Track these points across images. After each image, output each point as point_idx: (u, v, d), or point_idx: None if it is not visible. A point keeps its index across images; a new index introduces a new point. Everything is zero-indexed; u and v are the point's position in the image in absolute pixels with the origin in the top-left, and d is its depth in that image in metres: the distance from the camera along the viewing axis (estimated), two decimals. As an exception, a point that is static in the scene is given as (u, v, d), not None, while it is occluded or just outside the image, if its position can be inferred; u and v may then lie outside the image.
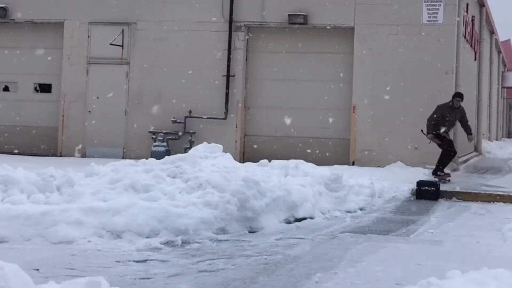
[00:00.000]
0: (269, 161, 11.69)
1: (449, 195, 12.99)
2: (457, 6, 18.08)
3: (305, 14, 18.34)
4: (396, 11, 17.90)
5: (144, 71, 18.98)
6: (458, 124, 18.34)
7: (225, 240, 8.36)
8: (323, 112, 18.49)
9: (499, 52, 38.48)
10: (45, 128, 19.61)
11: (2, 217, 7.89)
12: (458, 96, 15.34)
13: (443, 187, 13.84)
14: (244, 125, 18.85)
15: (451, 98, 15.40)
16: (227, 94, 18.59)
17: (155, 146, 18.26)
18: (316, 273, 5.93)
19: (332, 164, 15.93)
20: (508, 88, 45.27)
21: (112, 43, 18.90)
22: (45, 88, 20.15)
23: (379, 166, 17.02)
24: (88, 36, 19.34)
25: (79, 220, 8.07)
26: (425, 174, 16.17)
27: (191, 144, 17.42)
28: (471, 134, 15.51)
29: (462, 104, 15.55)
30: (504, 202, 12.58)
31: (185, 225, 8.40)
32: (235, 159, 11.42)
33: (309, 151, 17.79)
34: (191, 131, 18.57)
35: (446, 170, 15.35)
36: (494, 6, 31.25)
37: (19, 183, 8.85)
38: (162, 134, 18.46)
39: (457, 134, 18.01)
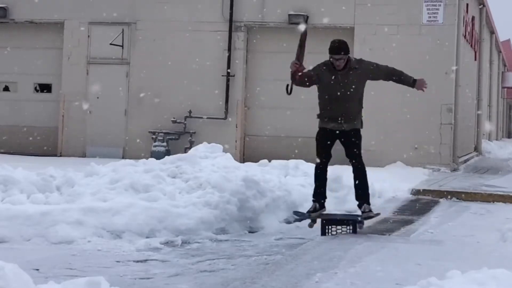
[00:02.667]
0: (269, 161, 11.69)
1: (449, 195, 12.98)
2: (457, 6, 18.09)
3: (305, 14, 18.34)
4: (396, 11, 17.90)
5: (144, 71, 18.97)
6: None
7: (225, 240, 8.35)
8: (323, 112, 18.46)
9: (499, 52, 38.48)
10: (45, 128, 19.61)
11: (2, 217, 7.89)
12: (333, 50, 8.62)
13: (443, 187, 13.80)
14: (244, 125, 18.84)
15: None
16: (227, 94, 18.59)
17: (155, 146, 18.26)
18: (316, 273, 5.93)
19: (332, 164, 15.89)
20: (508, 88, 45.27)
21: (112, 43, 18.90)
22: (45, 88, 20.16)
23: (379, 166, 17.01)
24: (88, 36, 19.34)
25: (79, 220, 8.08)
26: (424, 174, 16.18)
27: (191, 144, 17.42)
28: (414, 80, 9.20)
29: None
30: (504, 202, 12.56)
31: (185, 225, 8.40)
32: (235, 159, 11.42)
33: (309, 151, 17.74)
34: (191, 131, 18.56)
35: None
36: (494, 6, 31.28)
37: (19, 183, 8.85)
38: (162, 134, 18.46)
39: (457, 134, 17.99)
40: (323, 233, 8.36)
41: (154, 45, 18.97)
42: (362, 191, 8.59)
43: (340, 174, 11.45)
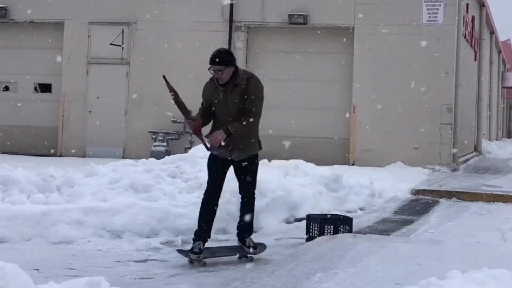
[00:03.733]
0: (269, 161, 11.69)
1: (449, 195, 12.98)
2: (457, 6, 18.10)
3: (305, 14, 18.34)
4: (396, 11, 17.91)
5: (144, 71, 18.97)
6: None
7: (225, 240, 8.35)
8: (323, 112, 18.49)
9: (499, 52, 38.48)
10: (45, 128, 19.61)
11: (2, 217, 7.89)
12: (210, 60, 7.43)
13: (443, 187, 13.80)
14: (244, 125, 18.81)
15: None
16: (227, 94, 18.57)
17: (155, 146, 18.26)
18: (316, 273, 5.92)
19: (332, 164, 15.94)
20: (508, 88, 45.27)
21: (112, 43, 18.91)
22: (45, 88, 20.16)
23: (379, 166, 17.03)
24: (88, 36, 19.34)
25: (79, 220, 8.08)
26: (424, 174, 16.18)
27: (191, 144, 17.42)
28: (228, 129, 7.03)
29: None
30: (504, 202, 12.57)
31: (185, 225, 8.40)
32: (235, 159, 11.39)
33: (309, 151, 17.79)
34: (191, 131, 18.54)
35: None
36: (494, 6, 31.27)
37: (19, 183, 8.85)
38: (162, 134, 18.46)
39: (457, 134, 18.00)
40: (322, 233, 8.28)
41: (154, 45, 18.96)
42: (248, 226, 7.35)
43: (340, 174, 11.45)
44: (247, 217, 7.30)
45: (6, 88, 20.40)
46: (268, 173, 10.67)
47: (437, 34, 17.80)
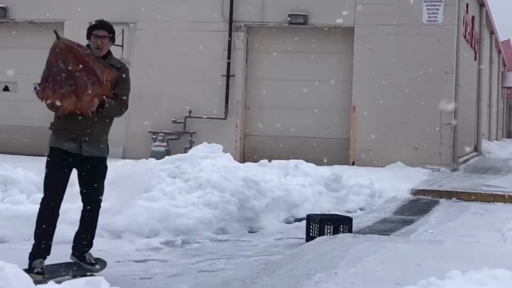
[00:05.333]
0: (269, 161, 11.69)
1: (449, 195, 12.98)
2: (457, 6, 18.10)
3: (305, 14, 18.35)
4: (396, 11, 17.91)
5: (144, 71, 18.96)
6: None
7: (225, 240, 8.36)
8: (323, 112, 18.50)
9: (499, 52, 38.48)
10: (45, 128, 19.49)
11: (2, 217, 7.89)
12: (96, 25, 6.91)
13: (443, 187, 13.80)
14: (244, 125, 18.85)
15: None
16: (227, 94, 18.59)
17: (155, 146, 18.26)
18: (316, 273, 5.92)
19: (332, 164, 15.94)
20: (508, 88, 45.27)
21: (112, 43, 18.89)
22: (45, 88, 20.13)
23: (379, 166, 17.03)
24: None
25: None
26: (424, 174, 16.19)
27: (191, 144, 17.42)
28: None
29: None
30: (504, 202, 12.57)
31: (185, 225, 8.40)
32: (235, 159, 11.41)
33: (309, 151, 17.80)
34: (191, 131, 18.56)
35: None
36: (494, 6, 31.27)
37: (19, 183, 8.85)
38: (162, 134, 18.46)
39: (457, 134, 18.00)
40: (322, 233, 8.24)
41: (154, 45, 18.96)
42: (89, 239, 6.36)
43: (340, 174, 11.46)
44: (90, 229, 6.28)
45: (6, 88, 20.39)
46: (268, 173, 10.69)
47: (437, 34, 17.80)
